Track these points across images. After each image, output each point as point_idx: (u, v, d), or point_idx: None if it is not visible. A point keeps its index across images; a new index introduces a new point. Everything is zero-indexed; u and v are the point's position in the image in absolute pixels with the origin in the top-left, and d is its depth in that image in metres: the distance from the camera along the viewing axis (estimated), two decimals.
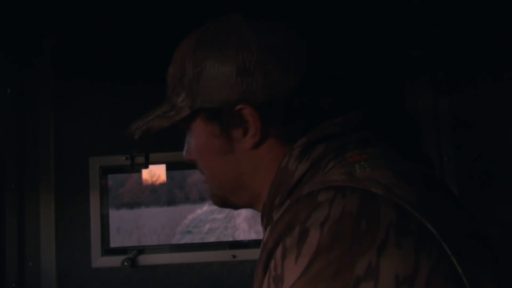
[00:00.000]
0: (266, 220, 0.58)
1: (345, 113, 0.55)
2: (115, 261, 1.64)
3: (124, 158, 1.68)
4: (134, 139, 0.65)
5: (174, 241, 1.75)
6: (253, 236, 1.70)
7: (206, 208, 1.82)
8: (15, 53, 1.71)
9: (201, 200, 1.81)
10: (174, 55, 0.62)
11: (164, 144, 1.69)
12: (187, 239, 1.74)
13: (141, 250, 1.67)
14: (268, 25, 0.56)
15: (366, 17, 1.64)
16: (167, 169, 1.78)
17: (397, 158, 0.52)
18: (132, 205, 1.77)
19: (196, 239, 1.73)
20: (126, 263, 1.62)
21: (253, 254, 1.63)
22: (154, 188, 1.79)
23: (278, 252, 0.44)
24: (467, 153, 1.63)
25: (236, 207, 0.66)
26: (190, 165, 1.85)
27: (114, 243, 1.71)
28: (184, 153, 0.67)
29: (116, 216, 1.73)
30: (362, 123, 0.55)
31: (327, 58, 0.57)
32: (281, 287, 0.42)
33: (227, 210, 1.74)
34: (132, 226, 1.74)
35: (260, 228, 0.53)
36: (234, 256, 1.63)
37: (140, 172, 1.76)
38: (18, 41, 1.71)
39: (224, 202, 0.66)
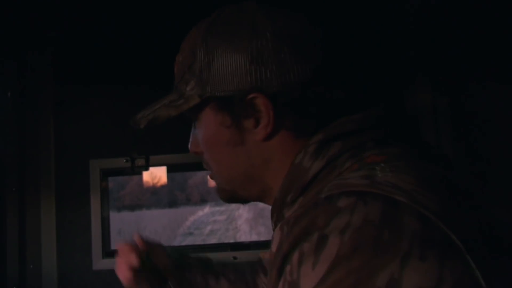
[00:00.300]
0: (277, 217, 0.57)
1: (362, 109, 0.53)
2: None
3: (124, 161, 1.68)
4: (139, 128, 0.62)
5: (176, 243, 1.74)
6: (254, 237, 1.70)
7: (207, 210, 1.82)
8: (16, 56, 1.71)
9: (202, 202, 1.81)
10: (183, 44, 0.60)
11: (165, 146, 1.70)
12: (188, 241, 1.74)
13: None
14: (283, 13, 0.54)
15: (368, 18, 1.64)
16: (168, 171, 1.79)
17: (418, 160, 0.50)
18: (133, 207, 1.77)
19: (197, 241, 1.73)
20: None
21: (254, 255, 1.63)
22: (155, 190, 1.79)
23: (295, 257, 0.42)
24: (466, 152, 1.63)
25: (245, 201, 0.64)
26: (191, 167, 1.84)
27: (115, 245, 1.70)
28: (189, 145, 0.65)
29: (117, 218, 1.74)
30: (382, 120, 0.53)
31: (341, 49, 0.56)
32: None
33: (228, 212, 1.74)
34: (133, 228, 1.74)
35: (261, 229, 0.53)
36: (235, 258, 1.63)
37: (140, 174, 1.77)
38: (18, 44, 1.72)
39: (233, 196, 0.63)
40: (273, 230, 0.56)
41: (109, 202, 1.73)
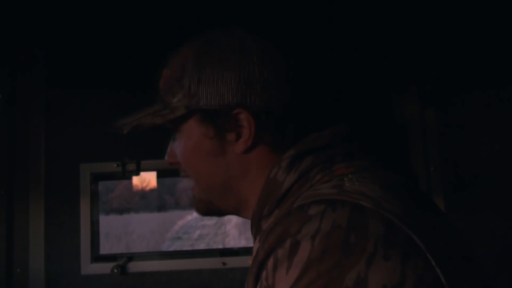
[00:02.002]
0: (256, 229, 0.60)
1: (333, 125, 0.58)
2: (105, 268, 1.63)
3: (115, 165, 1.68)
4: (121, 134, 0.65)
5: (164, 247, 1.74)
6: (243, 243, 1.70)
7: (196, 214, 1.82)
8: (8, 60, 1.71)
9: (191, 206, 1.81)
10: (172, 59, 0.63)
11: (155, 151, 1.70)
12: (176, 246, 1.74)
13: (131, 257, 1.67)
14: (269, 41, 0.59)
15: (356, 30, 1.67)
16: (158, 176, 1.79)
17: (383, 171, 0.54)
18: (121, 210, 1.76)
19: (185, 245, 1.73)
20: (115, 270, 1.62)
21: (243, 261, 1.64)
22: (144, 194, 1.79)
23: (270, 263, 0.45)
24: (453, 163, 1.66)
25: (221, 213, 0.66)
26: (180, 173, 1.85)
27: (102, 248, 1.70)
28: (166, 156, 0.68)
29: (105, 222, 1.72)
30: (350, 136, 0.57)
31: (320, 75, 0.60)
32: None
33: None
34: (121, 232, 1.73)
35: (250, 234, 0.55)
36: (224, 264, 1.64)
37: (130, 179, 1.76)
38: (10, 48, 1.71)
39: (209, 208, 0.66)
40: (254, 242, 0.60)
41: (99, 207, 1.72)
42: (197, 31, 0.63)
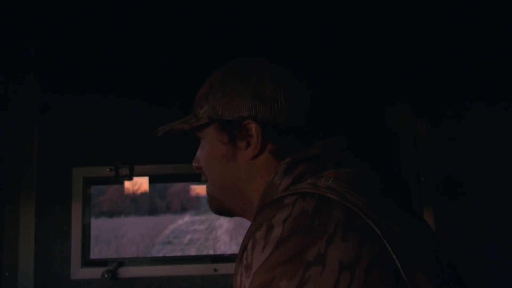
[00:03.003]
0: None
1: (329, 137, 0.66)
2: (95, 273, 1.63)
3: (108, 169, 1.68)
4: (157, 136, 0.77)
5: (154, 251, 1.74)
6: (234, 248, 1.70)
7: (188, 218, 1.81)
8: (1, 63, 1.70)
9: (183, 210, 1.80)
10: (206, 80, 0.74)
11: (148, 156, 1.70)
12: (167, 250, 1.73)
13: (122, 262, 1.67)
14: (283, 68, 0.69)
15: (352, 47, 1.70)
16: (150, 182, 1.79)
17: (365, 176, 0.60)
18: (112, 213, 1.75)
19: (176, 250, 1.73)
20: (106, 275, 1.61)
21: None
22: (134, 197, 1.78)
23: (250, 244, 0.52)
24: (443, 174, 1.69)
25: (230, 213, 0.74)
26: (172, 178, 1.84)
27: (92, 252, 1.69)
28: (193, 162, 0.78)
29: (95, 225, 1.71)
30: (342, 147, 0.65)
31: (323, 99, 0.69)
32: (250, 273, 0.50)
33: (208, 221, 1.75)
34: (111, 236, 1.72)
35: (241, 240, 0.58)
36: (215, 270, 1.64)
37: (122, 183, 1.76)
38: (4, 51, 1.70)
39: (220, 206, 0.74)
40: None
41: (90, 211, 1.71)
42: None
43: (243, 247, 0.54)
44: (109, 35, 1.72)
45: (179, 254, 1.71)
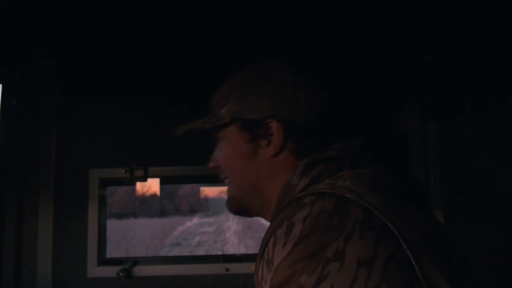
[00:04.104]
0: None
1: (346, 139, 0.68)
2: (111, 271, 1.67)
3: (123, 171, 1.72)
4: (176, 136, 0.79)
5: (163, 253, 1.76)
6: (242, 250, 1.72)
7: (196, 220, 1.84)
8: (22, 65, 1.76)
9: (192, 212, 1.83)
10: (223, 83, 0.77)
11: (161, 158, 1.74)
12: (175, 252, 1.76)
13: (136, 261, 1.71)
14: (304, 73, 0.72)
15: (362, 52, 1.73)
16: (161, 183, 1.83)
17: (381, 177, 0.62)
18: (121, 215, 1.78)
19: (185, 251, 1.75)
20: (121, 274, 1.65)
21: (246, 268, 1.67)
22: (144, 199, 1.81)
23: (271, 241, 0.54)
24: (453, 176, 1.70)
25: (249, 212, 0.77)
26: (184, 180, 1.87)
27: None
28: (210, 162, 0.80)
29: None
30: (358, 148, 0.67)
31: (339, 101, 0.73)
32: (271, 268, 0.53)
33: (217, 224, 1.78)
34: (120, 237, 1.74)
35: (249, 242, 0.61)
36: (227, 270, 1.67)
37: (134, 184, 1.80)
38: (24, 54, 1.76)
39: (240, 206, 0.76)
40: None
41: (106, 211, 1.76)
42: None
43: (264, 244, 0.56)
44: (126, 38, 1.77)
45: (193, 255, 1.74)
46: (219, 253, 1.72)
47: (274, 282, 0.51)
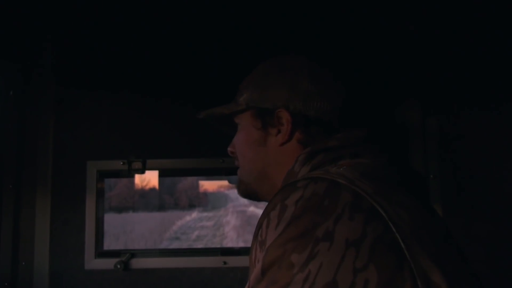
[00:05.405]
0: None
1: (349, 130, 0.71)
2: (108, 263, 1.66)
3: (121, 163, 1.71)
4: (198, 118, 0.85)
5: (162, 247, 1.77)
6: (241, 245, 1.72)
7: (195, 215, 1.84)
8: (19, 56, 1.74)
9: (191, 206, 1.83)
10: (251, 72, 0.82)
11: (160, 150, 1.73)
12: (174, 246, 1.76)
13: (134, 253, 1.70)
14: (321, 68, 0.75)
15: (364, 46, 1.71)
16: (160, 176, 1.82)
17: (379, 167, 0.64)
18: (120, 209, 1.79)
19: (183, 246, 1.75)
20: (119, 266, 1.65)
21: (244, 261, 1.66)
22: (143, 193, 1.81)
23: (264, 222, 0.57)
24: (453, 171, 1.69)
25: (257, 196, 0.81)
26: (181, 173, 1.87)
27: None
28: (229, 147, 0.85)
29: (104, 220, 1.73)
30: (361, 139, 0.70)
31: (352, 97, 0.75)
32: (264, 248, 0.55)
33: (216, 218, 1.78)
34: (119, 230, 1.75)
35: (248, 237, 0.61)
36: (225, 263, 1.67)
37: (133, 177, 1.79)
38: (21, 45, 1.75)
39: (248, 190, 0.81)
40: None
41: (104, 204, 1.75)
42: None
43: (259, 226, 0.58)
44: (124, 30, 1.76)
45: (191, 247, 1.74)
46: (218, 247, 1.71)
47: (266, 261, 0.53)
